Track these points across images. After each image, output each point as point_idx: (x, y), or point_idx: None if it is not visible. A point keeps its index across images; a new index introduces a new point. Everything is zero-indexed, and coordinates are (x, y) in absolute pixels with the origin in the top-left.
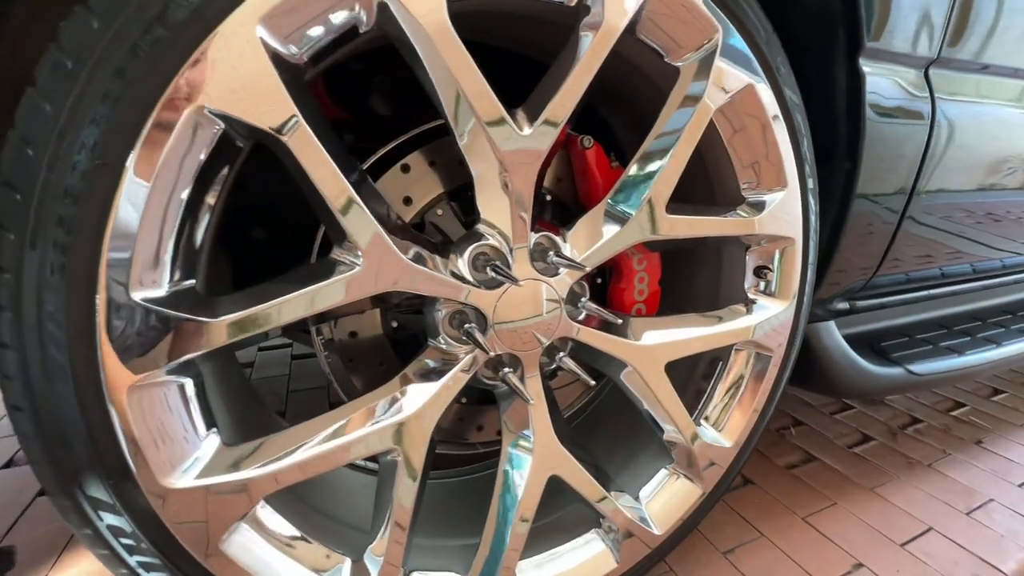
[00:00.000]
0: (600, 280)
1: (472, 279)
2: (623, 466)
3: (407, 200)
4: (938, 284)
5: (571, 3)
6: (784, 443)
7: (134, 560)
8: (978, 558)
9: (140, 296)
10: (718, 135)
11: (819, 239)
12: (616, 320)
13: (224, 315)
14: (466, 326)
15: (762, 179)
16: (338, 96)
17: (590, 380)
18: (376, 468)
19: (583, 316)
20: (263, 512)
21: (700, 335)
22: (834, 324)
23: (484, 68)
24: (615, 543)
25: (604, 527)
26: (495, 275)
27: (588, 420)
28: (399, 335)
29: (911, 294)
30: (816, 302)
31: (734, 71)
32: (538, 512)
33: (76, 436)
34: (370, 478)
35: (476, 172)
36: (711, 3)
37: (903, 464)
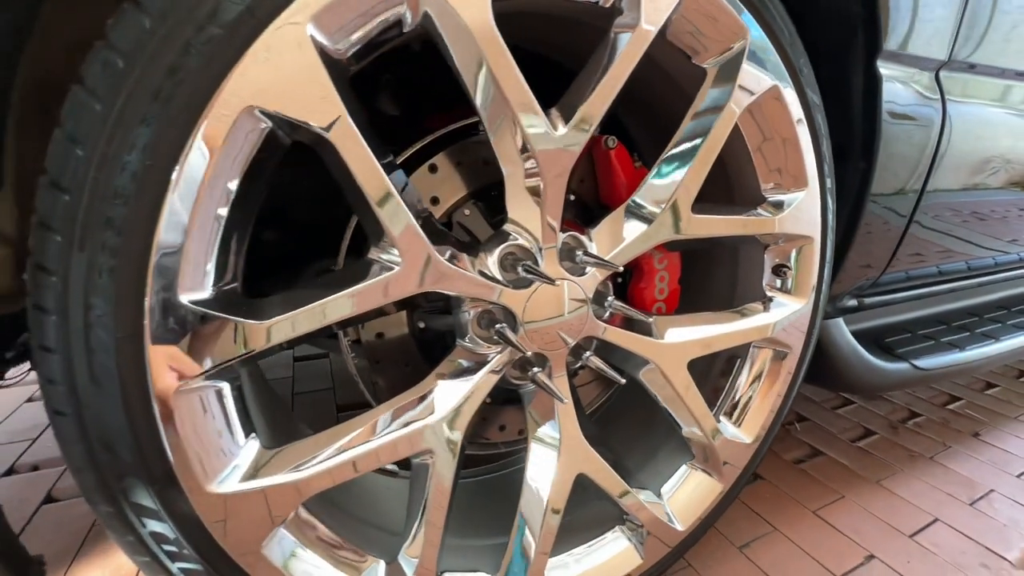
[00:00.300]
0: (620, 279)
1: (502, 279)
2: (643, 463)
3: (434, 200)
4: (939, 281)
5: (606, 4)
6: (790, 438)
7: (176, 567)
8: (984, 547)
9: (187, 298)
10: (740, 136)
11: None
12: (645, 318)
13: (270, 317)
14: (497, 326)
15: (784, 179)
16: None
17: (620, 378)
18: (396, 471)
19: (608, 315)
20: (301, 516)
21: (722, 332)
22: (843, 321)
23: None
24: (639, 539)
25: (628, 524)
26: (528, 275)
27: (603, 418)
28: (425, 336)
29: (914, 291)
30: (827, 299)
31: (760, 73)
32: (564, 510)
33: (121, 441)
34: (393, 480)
35: (508, 172)
36: (740, 5)
37: (905, 457)
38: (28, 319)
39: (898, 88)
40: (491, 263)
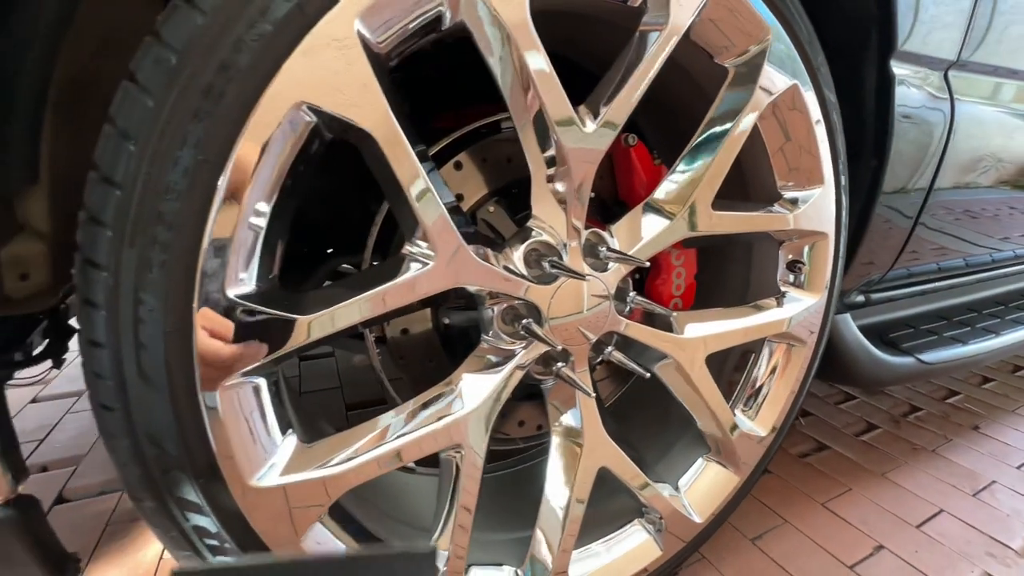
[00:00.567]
0: (637, 276)
1: (528, 275)
2: (659, 456)
3: (459, 197)
4: (941, 277)
5: (635, 3)
6: (796, 433)
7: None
8: (989, 537)
9: (234, 293)
10: (759, 134)
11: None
12: (666, 314)
13: (312, 312)
14: (524, 322)
15: (800, 177)
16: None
17: (645, 372)
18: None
19: (628, 311)
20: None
21: (739, 327)
22: (850, 316)
23: None
24: (658, 532)
25: (647, 517)
26: (555, 271)
27: (618, 412)
28: (449, 332)
29: (918, 287)
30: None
31: (780, 72)
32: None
33: (167, 436)
34: (412, 477)
35: (535, 169)
36: (763, 5)
37: (908, 450)
38: (76, 314)
39: (910, 87)
40: (516, 259)
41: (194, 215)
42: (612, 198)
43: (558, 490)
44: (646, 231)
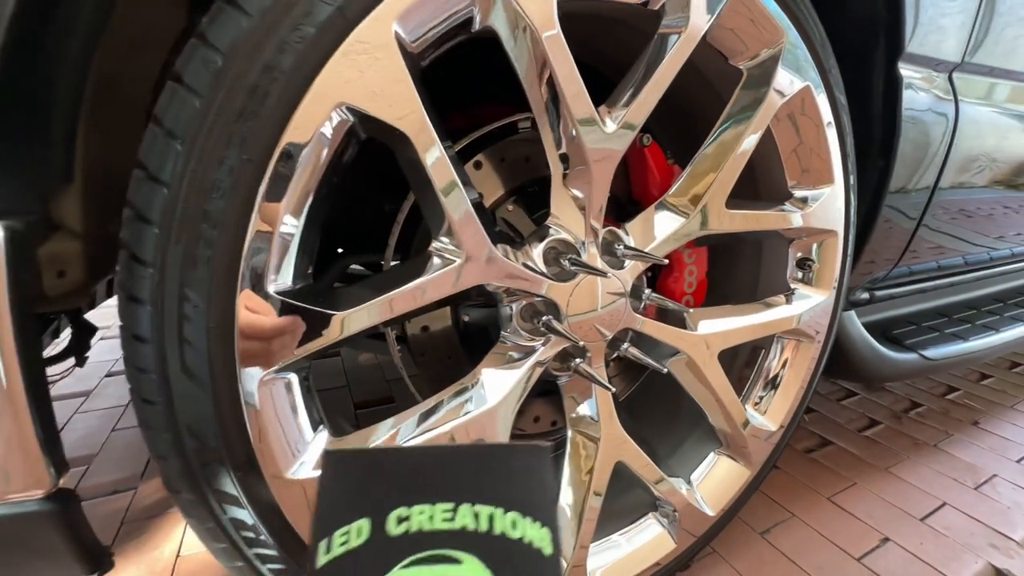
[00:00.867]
0: (650, 273)
1: (547, 272)
2: (672, 451)
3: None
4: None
5: (655, 6)
6: (801, 430)
7: (252, 552)
8: (991, 529)
9: (274, 289)
10: (771, 134)
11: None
12: (681, 310)
13: (347, 308)
14: (544, 318)
15: (811, 176)
16: None
17: (662, 368)
18: None
19: (643, 307)
20: None
21: (751, 324)
22: (855, 314)
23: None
24: (672, 525)
25: (660, 510)
26: (575, 268)
27: (630, 408)
28: (468, 329)
29: (920, 284)
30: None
31: (794, 74)
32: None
33: (208, 429)
34: None
35: (556, 168)
36: (778, 8)
37: (910, 445)
38: (119, 309)
39: (917, 89)
40: (536, 257)
41: (238, 213)
42: (626, 197)
43: (575, 484)
44: (661, 229)
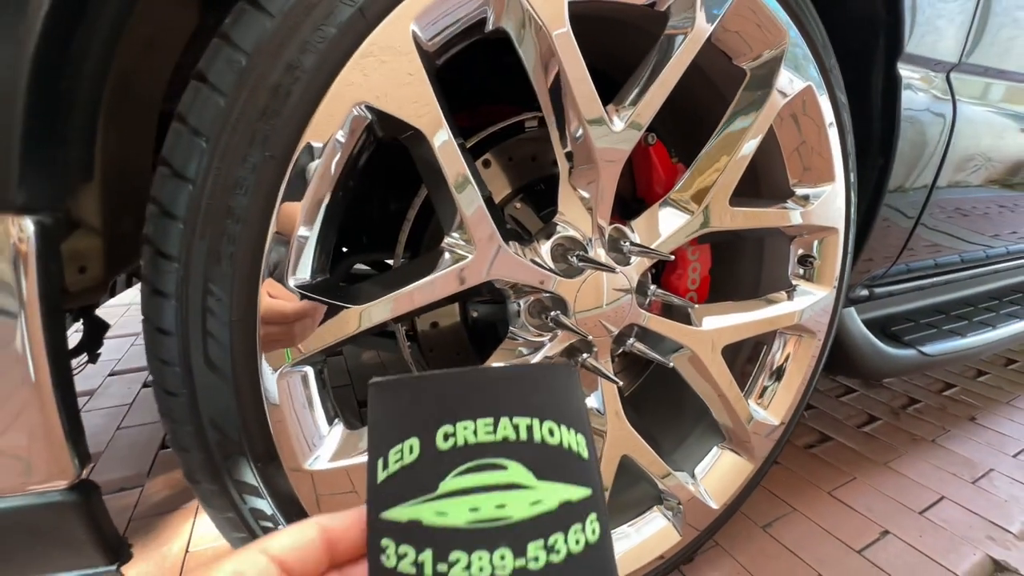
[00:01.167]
0: (654, 270)
1: (555, 269)
2: (676, 445)
3: None
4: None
5: (662, 8)
6: (800, 425)
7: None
8: (989, 521)
9: (295, 283)
10: (773, 133)
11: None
12: (685, 306)
13: (365, 302)
14: (552, 314)
15: (812, 174)
16: None
17: (668, 363)
18: None
19: (648, 303)
20: None
21: (754, 319)
22: (855, 310)
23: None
24: (677, 518)
25: (665, 504)
26: (583, 264)
27: (634, 403)
28: (476, 325)
29: (918, 281)
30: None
31: (796, 74)
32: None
33: (229, 421)
34: None
35: (564, 166)
36: (781, 9)
37: (909, 440)
38: (143, 303)
39: (915, 89)
40: (544, 253)
41: (261, 209)
42: (631, 195)
43: None
44: (666, 226)
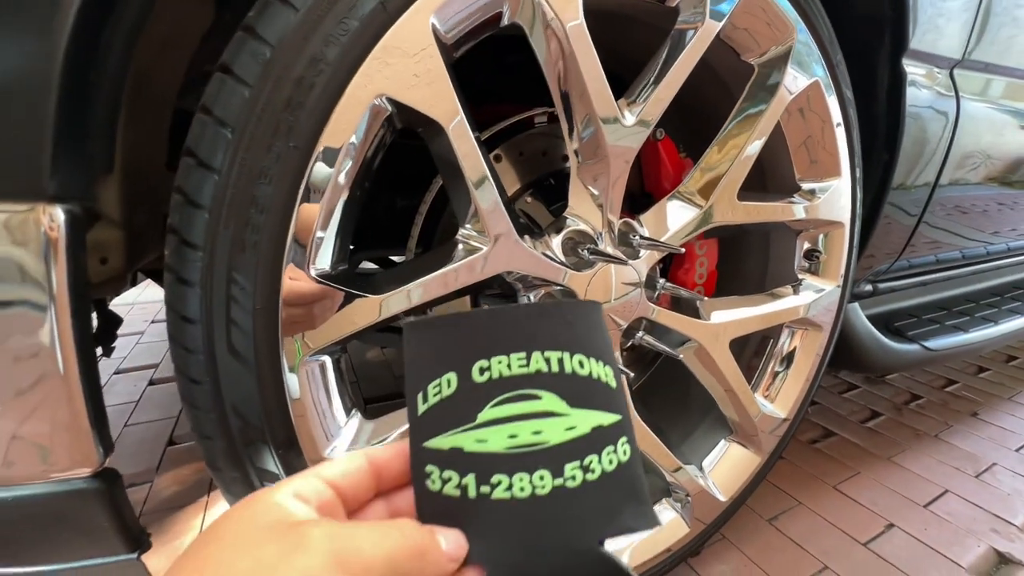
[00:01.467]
0: (662, 264)
1: (566, 262)
2: (683, 438)
3: None
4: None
5: (672, 3)
6: (804, 421)
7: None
8: (993, 515)
9: (316, 272)
10: (780, 128)
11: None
12: (694, 299)
13: (384, 292)
14: None
15: (819, 169)
16: None
17: (678, 355)
18: None
19: (656, 297)
20: None
21: (762, 313)
22: (858, 306)
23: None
24: (686, 510)
25: (674, 496)
26: (594, 257)
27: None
28: None
29: (920, 277)
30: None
31: (803, 69)
32: None
33: (252, 408)
34: None
35: (576, 160)
36: (789, 5)
37: (912, 435)
38: (167, 291)
39: (920, 84)
40: (555, 247)
41: (284, 198)
42: (638, 189)
43: None
44: (675, 220)
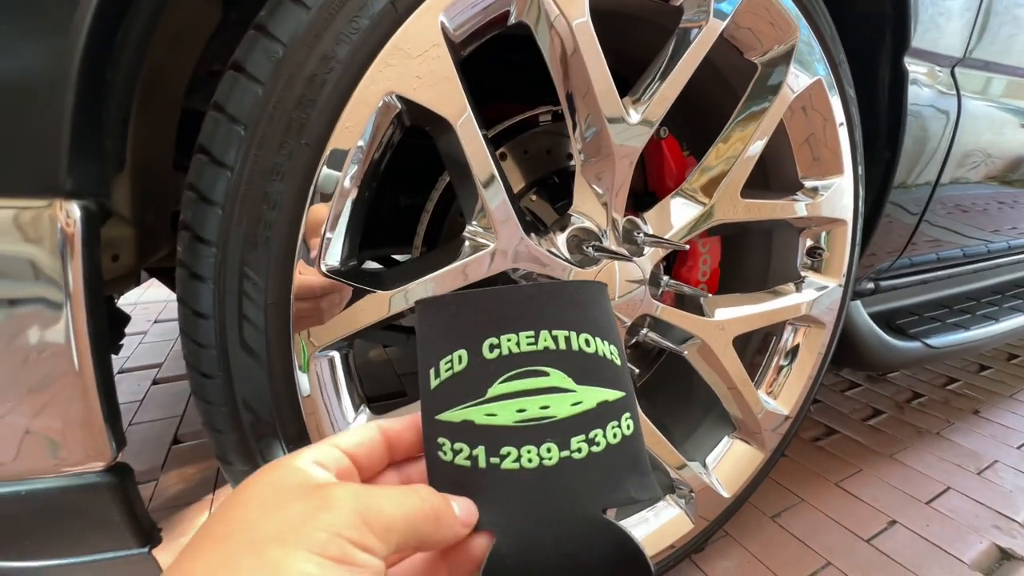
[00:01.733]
0: (665, 262)
1: (570, 259)
2: (687, 435)
3: None
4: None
5: (676, 2)
6: (806, 419)
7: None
8: (995, 511)
9: (327, 268)
10: (783, 126)
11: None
12: (698, 296)
13: (393, 287)
14: None
15: (821, 167)
16: None
17: (683, 351)
18: None
19: (660, 294)
20: None
21: (765, 310)
22: (860, 303)
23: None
24: (690, 506)
25: (678, 492)
26: (599, 254)
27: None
28: None
29: (922, 275)
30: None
31: (806, 68)
32: None
33: (263, 403)
34: None
35: (581, 158)
36: (792, 4)
37: (913, 433)
38: (179, 287)
39: (922, 83)
40: (560, 244)
41: (296, 195)
42: (642, 187)
43: None
44: (678, 218)
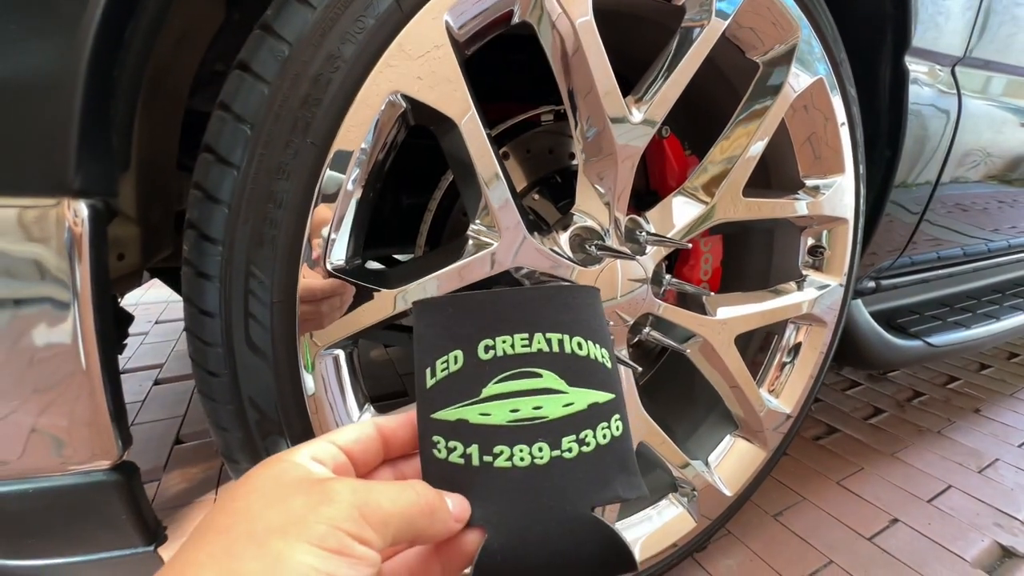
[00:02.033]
0: (667, 261)
1: (573, 258)
2: (689, 433)
3: None
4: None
5: (678, 2)
6: (807, 418)
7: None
8: (996, 509)
9: (332, 267)
10: (785, 125)
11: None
12: (700, 294)
13: (397, 286)
14: None
15: (823, 165)
16: None
17: (685, 350)
18: None
19: (662, 293)
20: None
21: (766, 309)
22: (861, 303)
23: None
24: (692, 505)
25: (680, 491)
26: (602, 253)
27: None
28: None
29: (922, 274)
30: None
31: (808, 67)
32: None
33: (269, 401)
34: None
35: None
36: (794, 3)
37: (914, 432)
38: (185, 285)
39: (922, 82)
40: (563, 243)
41: (302, 193)
42: (644, 187)
43: None
44: (680, 217)
